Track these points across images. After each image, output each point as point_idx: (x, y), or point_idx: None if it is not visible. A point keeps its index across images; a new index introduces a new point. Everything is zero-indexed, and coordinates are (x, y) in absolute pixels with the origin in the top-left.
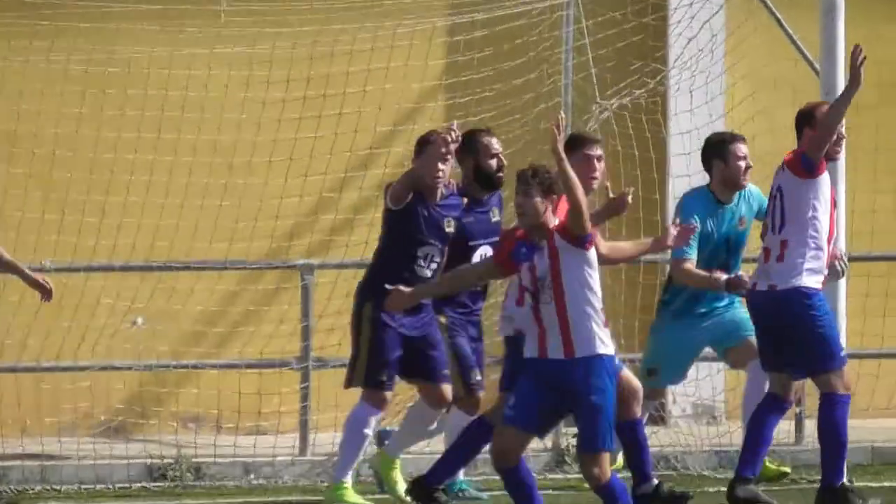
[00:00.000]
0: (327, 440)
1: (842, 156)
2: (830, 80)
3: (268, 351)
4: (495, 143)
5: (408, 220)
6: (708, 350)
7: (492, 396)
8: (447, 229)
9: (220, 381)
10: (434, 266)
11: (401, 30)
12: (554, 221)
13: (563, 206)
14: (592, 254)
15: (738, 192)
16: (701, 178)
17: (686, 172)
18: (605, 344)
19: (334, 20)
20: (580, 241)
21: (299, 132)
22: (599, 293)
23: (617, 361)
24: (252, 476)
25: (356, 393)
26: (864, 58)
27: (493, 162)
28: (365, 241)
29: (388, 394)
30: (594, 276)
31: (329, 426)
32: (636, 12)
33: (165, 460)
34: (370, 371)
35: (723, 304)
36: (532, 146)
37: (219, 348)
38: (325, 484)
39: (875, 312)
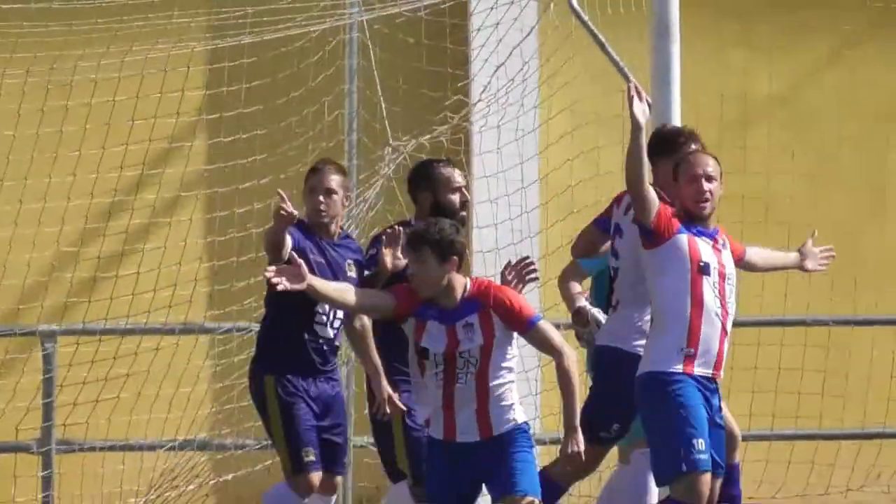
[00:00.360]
0: None
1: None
2: (664, 114)
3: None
4: (457, 176)
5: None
6: None
7: None
8: (349, 274)
9: None
10: (338, 322)
11: (153, 55)
12: (464, 285)
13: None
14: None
15: None
16: (507, 229)
17: (493, 221)
18: (519, 410)
19: (74, 44)
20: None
21: (30, 174)
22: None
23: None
24: None
25: (109, 478)
26: (636, 95)
27: (455, 197)
28: (109, 298)
29: (317, 476)
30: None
31: None
32: (433, 35)
33: None
34: (293, 456)
35: None
36: None
37: None
38: None
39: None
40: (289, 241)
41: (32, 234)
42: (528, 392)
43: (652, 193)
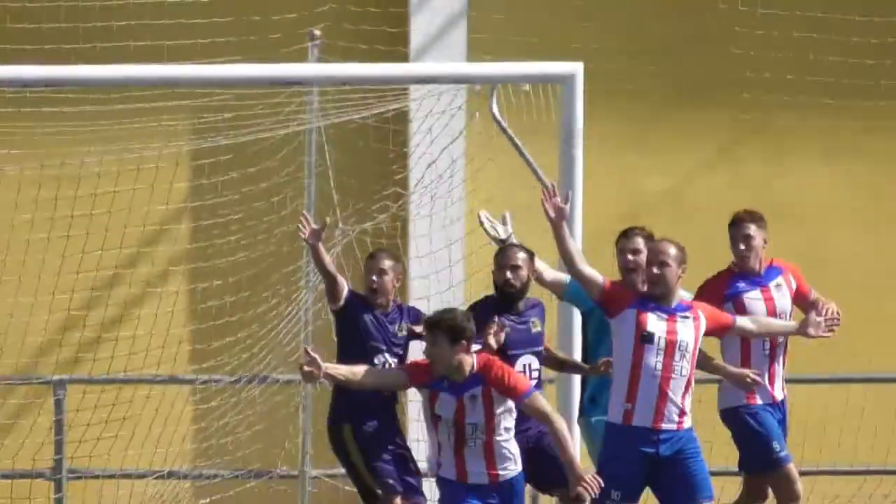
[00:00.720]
0: None
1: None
2: (569, 208)
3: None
4: (512, 256)
5: (353, 324)
6: None
7: None
8: (400, 334)
9: None
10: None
11: (147, 153)
12: (471, 363)
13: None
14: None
15: None
16: (438, 301)
17: (426, 294)
18: (518, 460)
19: (81, 141)
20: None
21: (46, 251)
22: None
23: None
24: None
25: (108, 500)
26: (548, 196)
27: (503, 273)
28: (111, 356)
29: (398, 499)
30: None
31: None
32: (379, 139)
33: None
34: (378, 480)
35: None
36: (276, 267)
37: None
38: None
39: None
40: (344, 288)
41: (48, 301)
42: None
43: (588, 273)
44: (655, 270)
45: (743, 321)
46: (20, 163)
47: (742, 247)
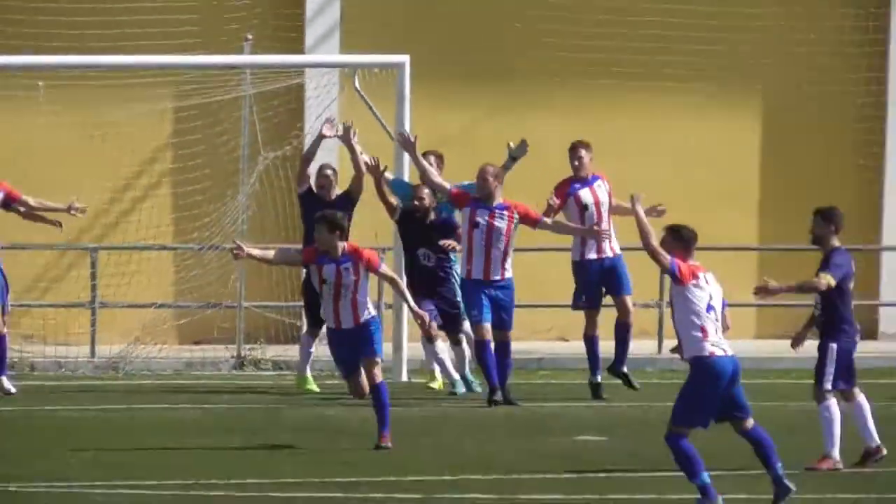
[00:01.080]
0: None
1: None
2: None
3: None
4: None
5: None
6: None
7: None
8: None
9: None
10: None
11: (155, 107)
12: (343, 246)
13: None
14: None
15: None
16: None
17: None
18: (373, 309)
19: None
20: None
21: (89, 163)
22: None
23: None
24: None
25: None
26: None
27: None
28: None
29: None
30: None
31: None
32: (285, 101)
33: None
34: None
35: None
36: (227, 177)
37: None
38: None
39: None
40: None
41: (88, 199)
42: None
43: (439, 183)
44: (480, 183)
45: (546, 221)
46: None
47: (576, 163)
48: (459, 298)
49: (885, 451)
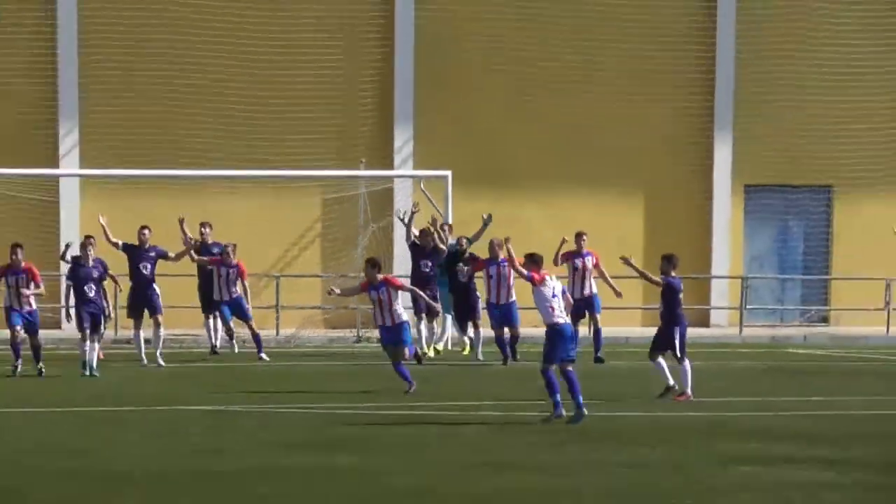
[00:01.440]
0: None
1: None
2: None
3: None
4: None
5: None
6: None
7: None
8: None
9: None
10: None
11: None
12: (380, 278)
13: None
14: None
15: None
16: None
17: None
18: (404, 315)
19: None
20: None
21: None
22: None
23: None
24: None
25: None
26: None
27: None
28: None
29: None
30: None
31: None
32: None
33: None
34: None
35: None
36: None
37: None
38: None
39: None
40: None
41: None
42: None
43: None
44: (491, 249)
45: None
46: None
47: (580, 242)
48: (438, 295)
49: (684, 393)
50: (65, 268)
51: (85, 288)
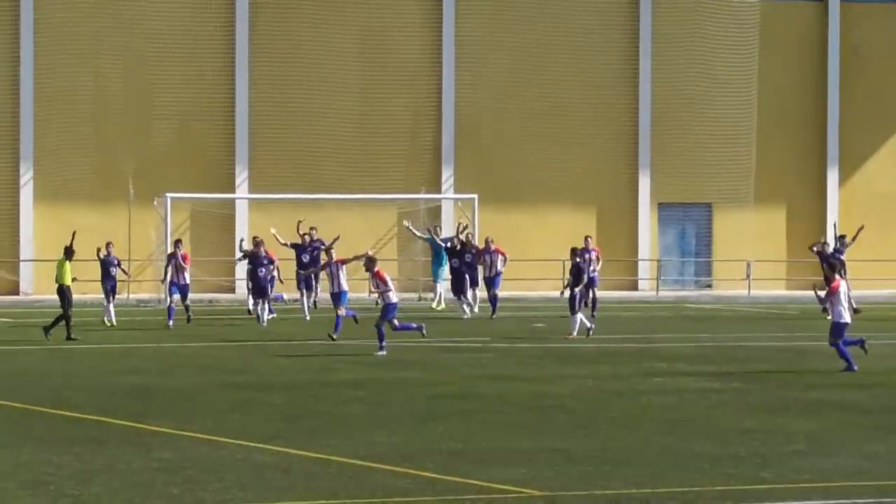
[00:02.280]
0: None
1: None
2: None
3: None
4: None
5: None
6: None
7: None
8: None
9: None
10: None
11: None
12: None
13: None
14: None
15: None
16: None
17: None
18: (395, 293)
19: None
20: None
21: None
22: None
23: None
24: None
25: None
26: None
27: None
28: None
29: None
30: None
31: None
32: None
33: None
34: None
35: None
36: None
37: None
38: None
39: None
40: None
41: None
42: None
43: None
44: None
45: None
46: None
47: (588, 240)
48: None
49: (571, 334)
50: (232, 257)
51: (258, 270)
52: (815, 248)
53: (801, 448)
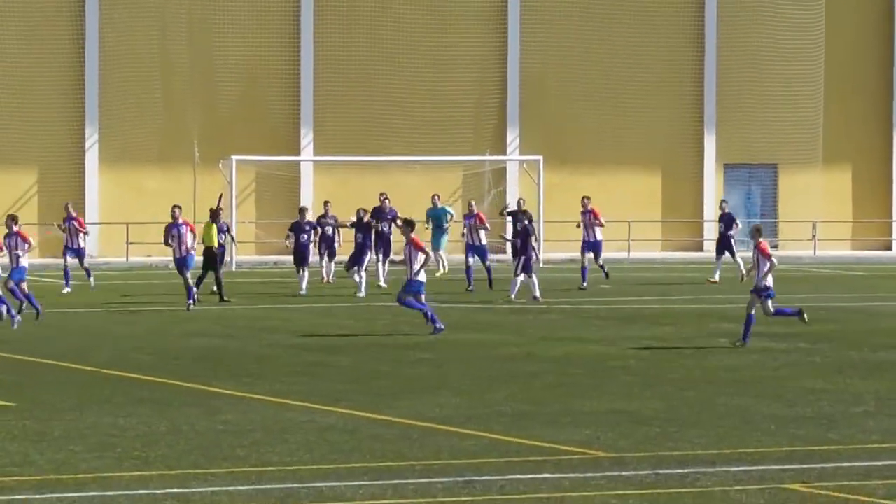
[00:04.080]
0: None
1: None
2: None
3: None
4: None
5: None
6: None
7: None
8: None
9: None
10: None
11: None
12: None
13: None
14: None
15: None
16: None
17: None
18: (422, 275)
19: None
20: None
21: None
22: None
23: None
24: None
25: None
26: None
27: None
28: None
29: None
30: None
31: None
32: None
33: None
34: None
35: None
36: None
37: None
38: None
39: None
40: None
41: None
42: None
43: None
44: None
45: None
46: None
47: (585, 201)
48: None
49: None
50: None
51: (300, 237)
52: None
53: (870, 409)
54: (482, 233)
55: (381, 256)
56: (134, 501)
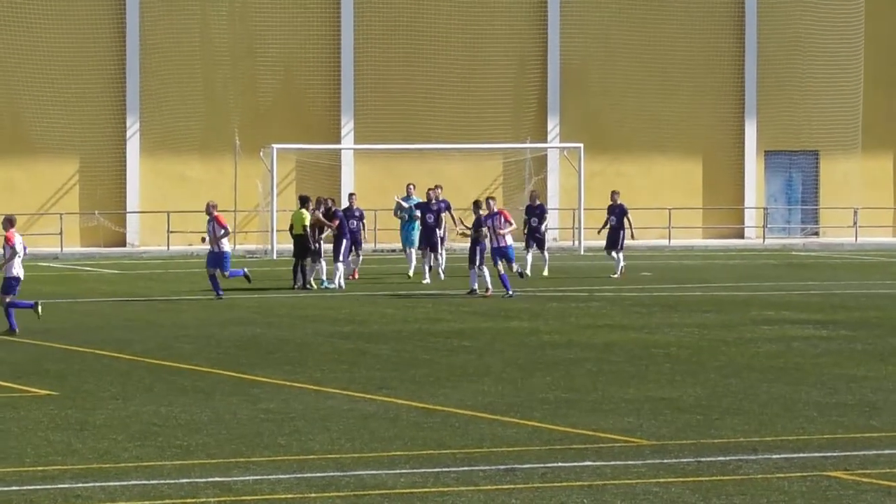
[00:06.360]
0: None
1: None
2: None
3: None
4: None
5: None
6: None
7: None
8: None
9: None
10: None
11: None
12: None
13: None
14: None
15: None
16: None
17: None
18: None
19: None
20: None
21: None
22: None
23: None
24: None
25: None
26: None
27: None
28: None
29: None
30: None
31: None
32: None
33: None
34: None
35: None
36: None
37: None
38: None
39: None
40: None
41: None
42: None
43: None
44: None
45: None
46: None
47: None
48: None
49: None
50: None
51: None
52: None
53: None
54: (507, 232)
55: (427, 250)
56: (176, 490)
